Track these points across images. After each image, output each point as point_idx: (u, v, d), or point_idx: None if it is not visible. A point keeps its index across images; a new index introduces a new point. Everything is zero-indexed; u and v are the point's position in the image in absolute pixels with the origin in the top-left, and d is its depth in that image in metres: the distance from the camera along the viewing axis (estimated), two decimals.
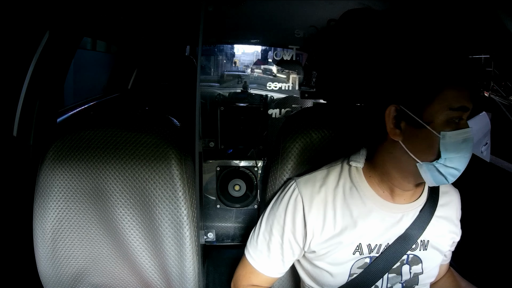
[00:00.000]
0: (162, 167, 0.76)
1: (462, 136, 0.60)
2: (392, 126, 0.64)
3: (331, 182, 0.72)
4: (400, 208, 0.70)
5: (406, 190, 0.69)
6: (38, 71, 1.01)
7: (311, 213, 0.70)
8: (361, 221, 0.69)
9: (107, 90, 2.21)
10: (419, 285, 0.74)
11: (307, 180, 0.73)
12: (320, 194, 0.71)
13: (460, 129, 0.60)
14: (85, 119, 0.85)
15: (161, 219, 0.76)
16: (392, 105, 0.63)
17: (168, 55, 2.12)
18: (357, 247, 0.69)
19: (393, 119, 0.64)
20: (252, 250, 0.76)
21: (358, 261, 0.70)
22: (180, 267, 0.78)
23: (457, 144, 0.60)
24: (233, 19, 1.42)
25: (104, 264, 0.84)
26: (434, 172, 0.61)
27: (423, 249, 0.72)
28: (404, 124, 0.63)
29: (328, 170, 0.74)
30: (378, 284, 0.72)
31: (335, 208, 0.70)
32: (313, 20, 1.30)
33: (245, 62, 2.61)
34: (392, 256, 0.70)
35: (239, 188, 1.26)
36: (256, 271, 0.76)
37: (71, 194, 0.79)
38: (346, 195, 0.71)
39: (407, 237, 0.69)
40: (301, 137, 0.84)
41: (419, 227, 0.70)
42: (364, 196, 0.70)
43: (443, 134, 0.59)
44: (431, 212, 0.71)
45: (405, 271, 0.72)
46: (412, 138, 0.62)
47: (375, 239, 0.70)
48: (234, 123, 1.30)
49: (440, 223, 0.73)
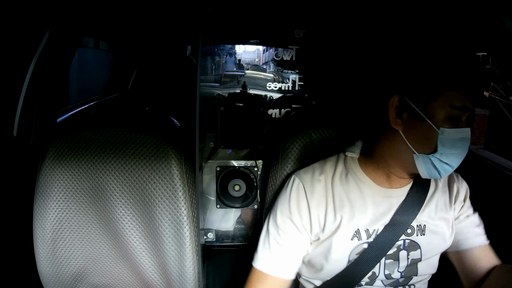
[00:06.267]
0: (162, 167, 0.76)
1: (459, 135, 0.62)
2: (394, 115, 0.66)
3: (328, 170, 0.74)
4: (393, 193, 0.72)
5: (401, 177, 0.71)
6: (38, 71, 1.01)
7: (314, 200, 0.72)
8: (358, 207, 0.71)
9: (109, 89, 2.22)
10: (418, 276, 0.74)
11: (306, 170, 0.75)
12: (320, 182, 0.73)
13: (459, 128, 0.62)
14: (85, 119, 0.85)
15: (161, 219, 0.76)
16: (396, 96, 0.66)
17: (168, 55, 2.12)
18: (355, 232, 0.70)
19: (396, 109, 0.66)
20: (261, 256, 0.73)
21: (357, 247, 0.71)
22: (180, 267, 0.78)
23: (454, 142, 0.62)
24: (233, 19, 1.42)
25: (104, 264, 0.84)
26: (429, 165, 0.64)
27: (420, 234, 0.72)
28: (406, 115, 0.65)
29: (325, 161, 0.76)
30: (376, 271, 0.72)
31: (334, 194, 0.72)
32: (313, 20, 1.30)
33: (246, 60, 2.61)
34: (383, 242, 0.71)
35: (239, 188, 1.26)
36: (270, 277, 0.72)
37: (71, 194, 0.79)
38: (343, 182, 0.72)
39: (395, 222, 0.71)
40: (301, 137, 0.84)
41: (408, 212, 0.71)
42: (360, 182, 0.72)
43: (442, 130, 0.62)
44: (420, 197, 0.72)
45: (403, 257, 0.72)
46: (412, 129, 0.65)
47: (372, 224, 0.71)
48: (234, 123, 1.30)
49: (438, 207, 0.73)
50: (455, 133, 0.62)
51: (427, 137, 0.63)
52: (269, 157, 0.91)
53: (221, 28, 1.57)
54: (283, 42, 1.50)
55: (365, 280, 0.73)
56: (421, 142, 0.64)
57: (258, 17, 1.37)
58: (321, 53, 1.47)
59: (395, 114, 0.66)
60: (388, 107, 0.66)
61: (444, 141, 0.62)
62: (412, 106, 0.64)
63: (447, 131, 0.62)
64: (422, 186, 0.73)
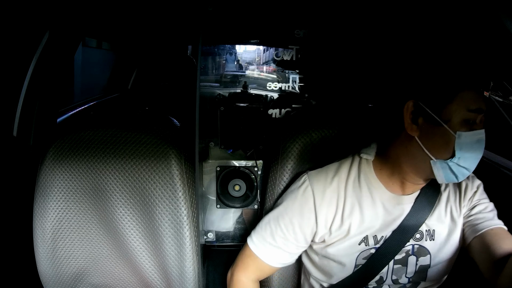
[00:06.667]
0: (162, 167, 0.76)
1: (476, 137, 0.61)
2: (410, 121, 0.65)
3: (343, 173, 0.73)
4: (405, 200, 0.71)
5: (416, 184, 0.70)
6: (38, 71, 1.01)
7: (323, 205, 0.71)
8: (368, 212, 0.70)
9: (109, 89, 2.22)
10: (427, 281, 0.74)
11: (319, 172, 0.74)
12: (332, 185, 0.72)
13: (475, 130, 0.61)
14: (85, 119, 0.85)
15: (161, 219, 0.76)
16: (411, 101, 0.65)
17: (169, 55, 2.12)
18: (363, 238, 0.70)
19: (411, 115, 0.65)
20: (256, 237, 0.76)
21: (363, 252, 0.71)
22: (180, 267, 0.78)
23: (471, 145, 0.61)
24: (233, 19, 1.42)
25: (104, 264, 0.84)
26: (447, 170, 0.62)
27: (429, 239, 0.72)
28: (421, 120, 0.64)
29: (340, 163, 0.75)
30: (383, 276, 0.72)
31: (346, 197, 0.71)
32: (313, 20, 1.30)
33: (246, 59, 2.62)
34: (391, 247, 0.70)
35: (239, 188, 1.26)
36: (257, 258, 0.75)
37: (71, 194, 0.79)
38: (355, 187, 0.72)
39: (404, 227, 0.70)
40: (301, 137, 0.84)
41: (418, 216, 0.70)
42: (372, 187, 0.71)
43: (459, 134, 0.60)
44: (430, 201, 0.71)
45: (411, 262, 0.72)
46: (428, 135, 0.63)
47: (381, 231, 0.71)
48: (234, 123, 1.30)
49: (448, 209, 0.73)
50: (472, 136, 0.61)
51: (444, 142, 0.62)
52: (269, 157, 0.91)
53: (221, 28, 1.57)
54: (283, 42, 1.50)
55: (372, 284, 0.73)
56: (439, 148, 0.62)
57: (258, 17, 1.37)
58: (321, 53, 1.47)
59: (410, 120, 0.65)
60: (403, 113, 0.65)
61: (461, 145, 0.61)
62: (428, 111, 0.63)
63: (464, 135, 0.60)
64: (432, 189, 0.72)
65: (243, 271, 0.77)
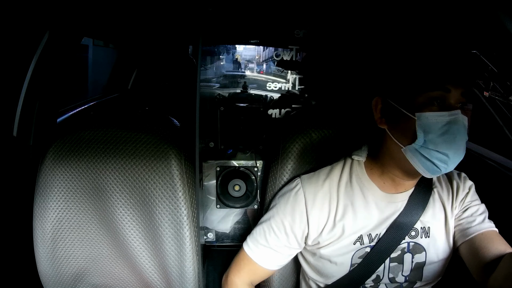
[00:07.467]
0: (162, 167, 0.76)
1: (441, 118, 0.60)
2: (379, 115, 0.68)
3: (335, 175, 0.74)
4: (398, 197, 0.71)
5: (406, 181, 0.70)
6: (38, 71, 1.01)
7: (315, 208, 0.72)
8: (361, 213, 0.71)
9: (110, 89, 2.23)
10: (422, 281, 0.74)
11: (311, 176, 0.75)
12: (324, 188, 0.72)
13: (440, 111, 0.60)
14: (85, 119, 0.85)
15: (161, 219, 0.76)
16: (378, 97, 0.68)
17: (169, 55, 2.12)
18: (357, 238, 0.71)
19: (380, 110, 0.68)
20: (250, 240, 0.77)
21: (359, 251, 0.71)
22: (180, 267, 0.78)
23: (439, 126, 0.59)
24: (233, 19, 1.42)
25: (104, 264, 0.84)
26: (420, 157, 0.61)
27: (425, 236, 0.72)
28: (388, 112, 0.66)
29: (332, 166, 0.76)
30: (380, 274, 0.72)
31: (338, 200, 0.72)
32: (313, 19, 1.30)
33: (246, 57, 2.62)
34: (386, 245, 0.70)
35: (239, 188, 1.26)
36: (250, 260, 0.76)
37: (71, 194, 0.79)
38: (347, 187, 0.72)
39: (398, 225, 0.70)
40: (301, 137, 0.84)
41: (412, 213, 0.71)
42: (364, 188, 0.72)
43: (418, 115, 0.60)
44: (423, 198, 0.72)
45: (407, 260, 0.72)
46: (394, 124, 0.65)
47: (375, 229, 0.71)
48: (234, 123, 1.30)
49: (441, 207, 0.73)
50: (436, 117, 0.59)
51: (406, 127, 0.62)
52: (269, 157, 0.91)
53: (221, 28, 1.57)
54: (283, 42, 1.49)
55: (369, 283, 0.73)
56: (403, 134, 0.63)
57: (258, 17, 1.37)
58: (321, 53, 1.47)
59: (380, 114, 0.68)
60: (372, 109, 0.68)
61: (424, 127, 0.60)
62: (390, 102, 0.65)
63: (424, 115, 0.60)
64: (425, 187, 0.73)
65: (237, 274, 0.78)
